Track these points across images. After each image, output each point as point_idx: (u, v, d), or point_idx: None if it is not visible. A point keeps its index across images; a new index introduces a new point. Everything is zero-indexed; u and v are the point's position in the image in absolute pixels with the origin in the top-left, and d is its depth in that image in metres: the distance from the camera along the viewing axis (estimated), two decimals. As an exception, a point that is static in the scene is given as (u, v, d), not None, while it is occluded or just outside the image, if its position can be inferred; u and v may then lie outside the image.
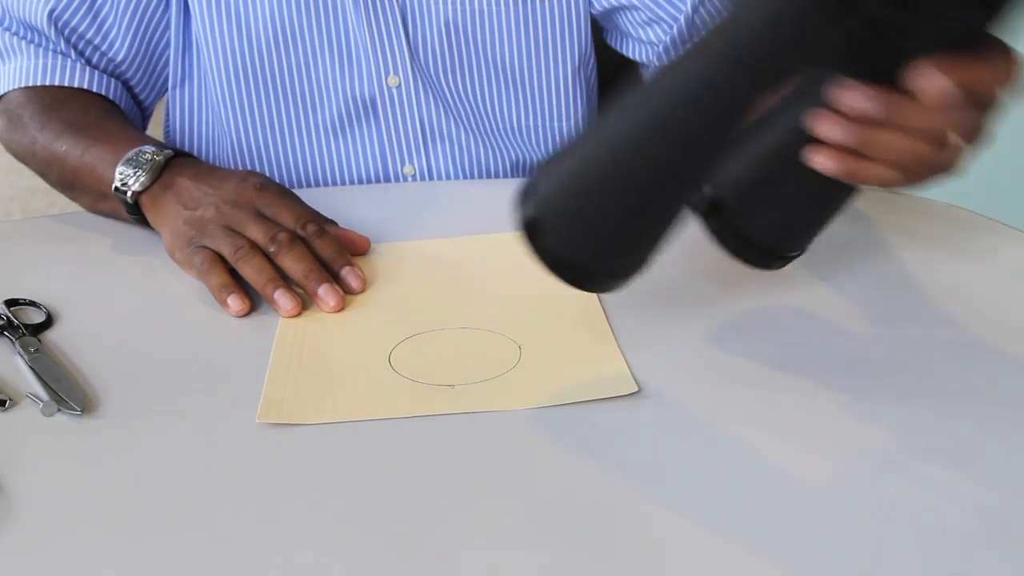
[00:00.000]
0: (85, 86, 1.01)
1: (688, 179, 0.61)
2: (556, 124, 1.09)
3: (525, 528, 0.58)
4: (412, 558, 0.56)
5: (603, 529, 0.58)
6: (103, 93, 1.02)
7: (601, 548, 0.57)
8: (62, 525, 0.60)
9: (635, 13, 1.05)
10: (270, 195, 0.86)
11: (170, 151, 0.89)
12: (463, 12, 1.03)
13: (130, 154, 0.89)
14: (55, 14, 1.00)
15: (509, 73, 1.06)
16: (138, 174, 0.88)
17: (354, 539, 0.58)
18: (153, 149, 0.89)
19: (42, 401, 0.70)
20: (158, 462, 0.65)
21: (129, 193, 0.88)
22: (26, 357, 0.74)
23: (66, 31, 1.01)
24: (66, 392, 0.70)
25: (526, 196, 0.63)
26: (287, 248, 0.82)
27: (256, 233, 0.83)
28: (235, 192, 0.85)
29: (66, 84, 1.00)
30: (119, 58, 1.03)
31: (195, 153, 1.09)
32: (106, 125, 0.96)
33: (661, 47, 1.04)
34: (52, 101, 0.99)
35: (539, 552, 0.56)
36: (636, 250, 0.63)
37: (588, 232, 0.62)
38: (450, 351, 0.74)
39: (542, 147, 1.09)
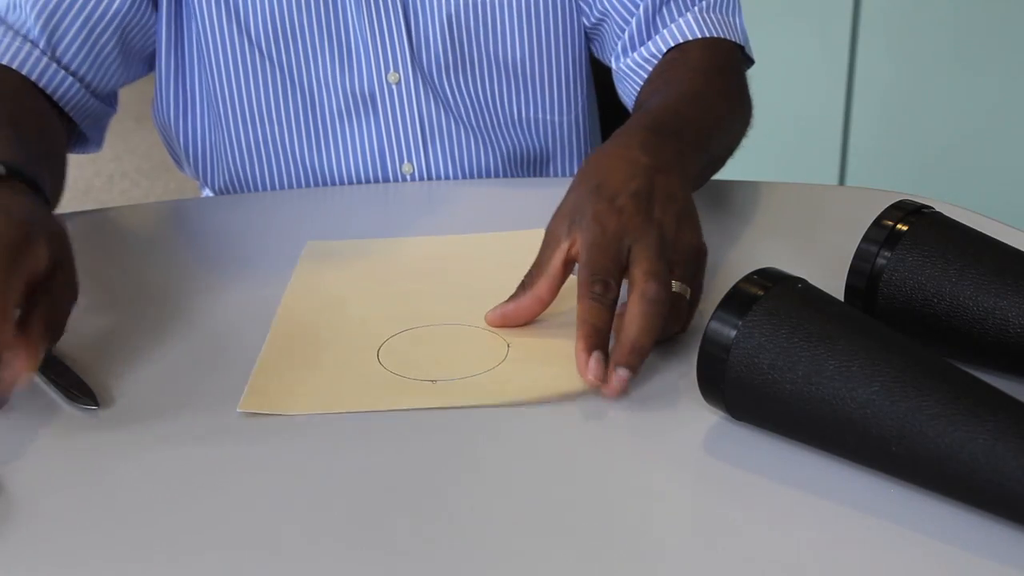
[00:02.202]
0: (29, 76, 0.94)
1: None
2: (557, 115, 1.09)
3: (508, 525, 0.58)
4: (394, 551, 0.57)
5: (586, 526, 0.58)
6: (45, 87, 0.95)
7: (588, 546, 0.57)
8: (62, 525, 0.60)
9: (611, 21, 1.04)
10: None
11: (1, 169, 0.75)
12: (466, 4, 1.03)
13: None
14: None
15: (511, 65, 1.05)
16: None
17: (337, 531, 0.58)
18: None
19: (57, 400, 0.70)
20: (157, 460, 0.65)
21: None
22: None
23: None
24: (78, 387, 0.70)
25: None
26: None
27: None
28: None
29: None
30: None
31: (194, 149, 1.09)
32: None
33: (619, 46, 1.03)
34: None
35: (524, 549, 0.57)
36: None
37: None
38: (438, 347, 0.75)
39: (542, 140, 1.09)
